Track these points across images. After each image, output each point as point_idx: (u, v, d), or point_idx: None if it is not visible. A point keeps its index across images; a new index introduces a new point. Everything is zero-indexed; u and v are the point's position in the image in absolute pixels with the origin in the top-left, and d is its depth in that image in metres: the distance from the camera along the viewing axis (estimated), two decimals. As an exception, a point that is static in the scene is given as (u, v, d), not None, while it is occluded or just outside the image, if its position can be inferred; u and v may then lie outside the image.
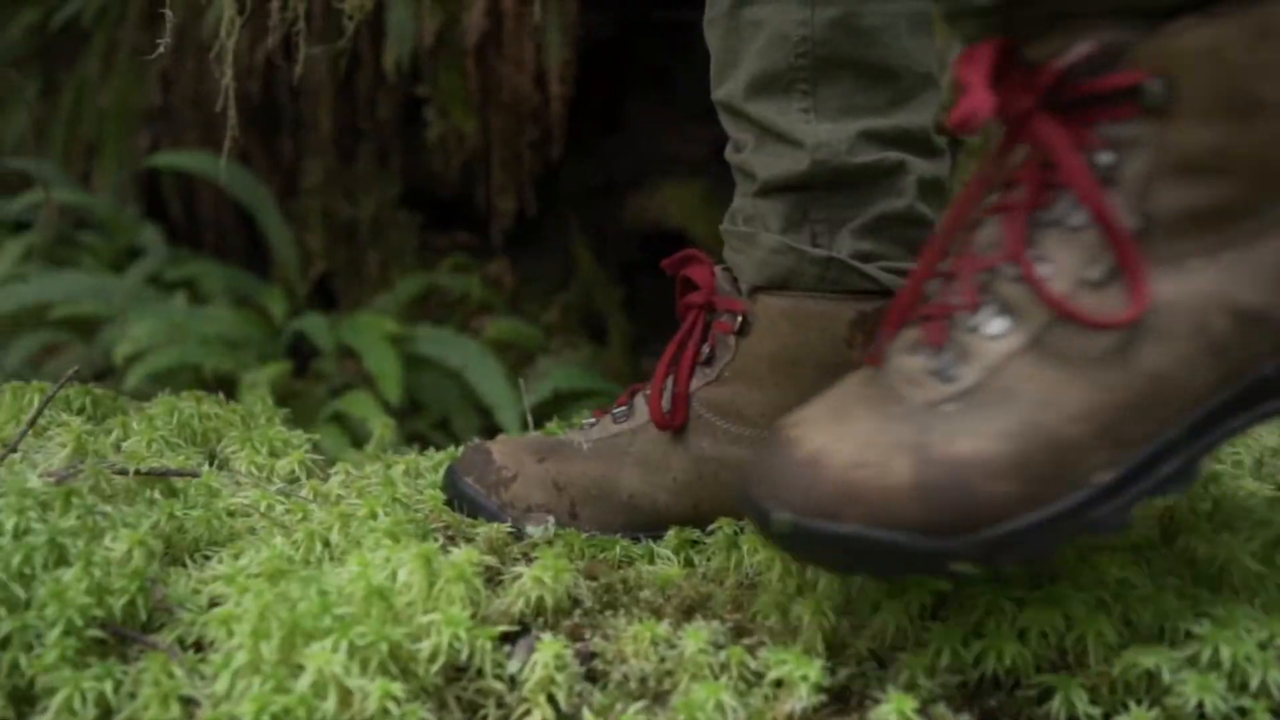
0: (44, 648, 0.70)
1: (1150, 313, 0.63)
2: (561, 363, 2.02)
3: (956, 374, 0.65)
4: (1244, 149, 0.63)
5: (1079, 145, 0.64)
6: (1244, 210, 0.64)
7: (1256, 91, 0.62)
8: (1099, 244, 0.64)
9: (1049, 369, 0.64)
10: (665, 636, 0.72)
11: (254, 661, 0.66)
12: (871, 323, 0.85)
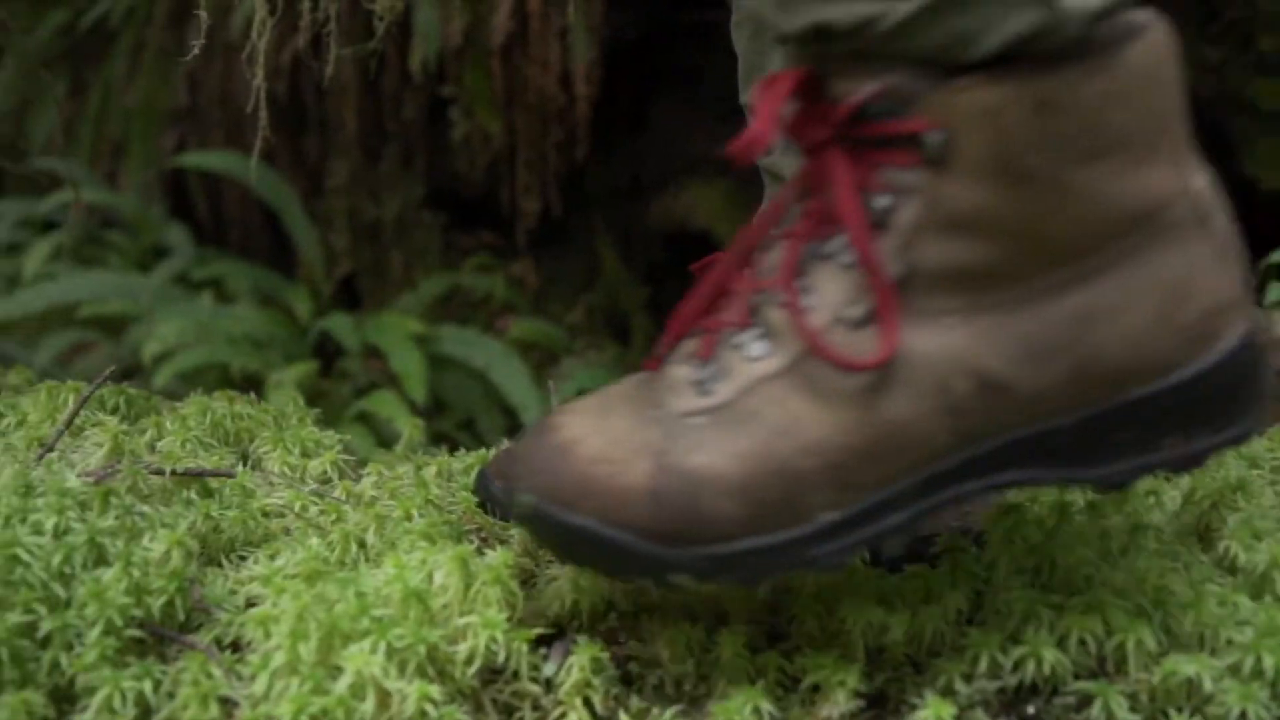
0: (84, 647, 0.71)
1: (896, 362, 0.63)
2: (586, 364, 2.02)
3: (713, 389, 0.66)
4: (1010, 216, 0.62)
5: (862, 185, 0.63)
6: (1004, 277, 0.63)
7: (1027, 161, 0.61)
8: (863, 285, 0.63)
9: (795, 399, 0.64)
10: (700, 640, 0.72)
11: (292, 662, 0.66)
12: None
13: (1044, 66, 0.60)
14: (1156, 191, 0.64)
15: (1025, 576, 0.75)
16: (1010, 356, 0.63)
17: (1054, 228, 0.62)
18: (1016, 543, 0.76)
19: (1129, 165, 0.63)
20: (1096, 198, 0.62)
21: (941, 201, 0.62)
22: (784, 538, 0.64)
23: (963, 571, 0.76)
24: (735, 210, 2.19)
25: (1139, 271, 0.64)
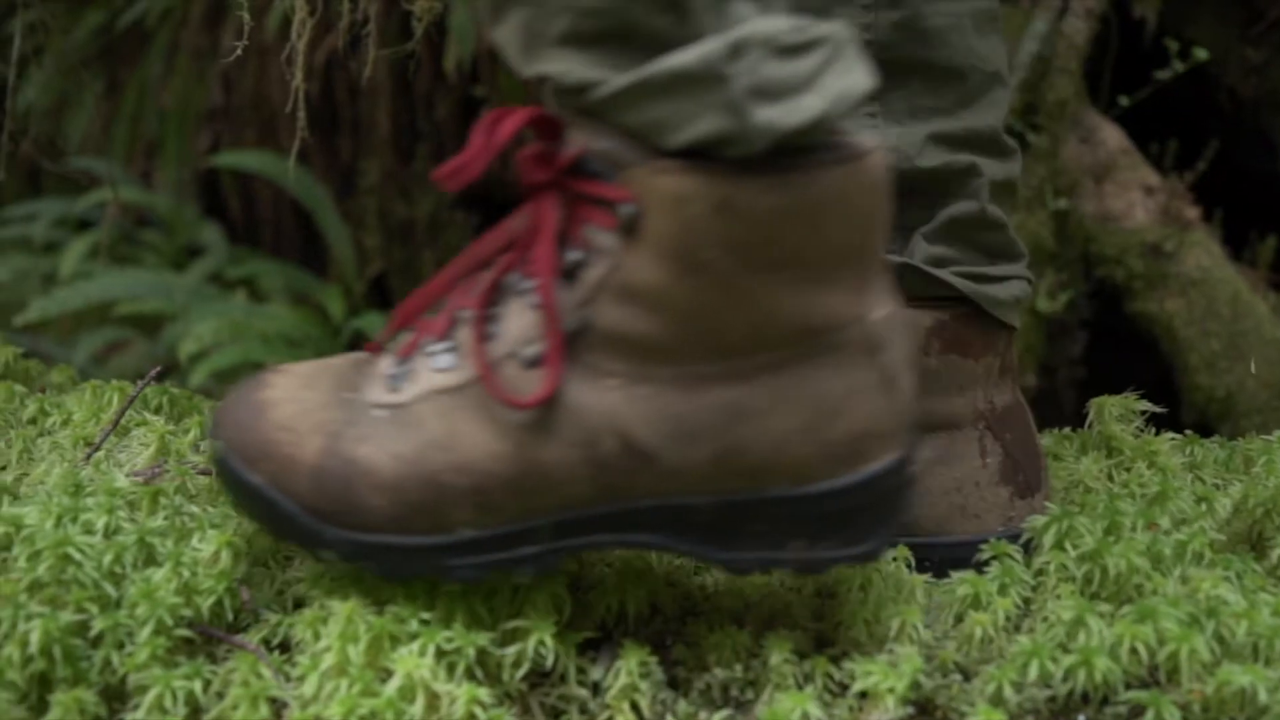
0: (135, 646, 0.71)
1: (554, 409, 0.65)
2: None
3: (399, 387, 0.69)
4: (680, 301, 0.64)
5: (565, 234, 0.65)
6: (667, 356, 0.65)
7: (703, 255, 0.63)
8: (542, 329, 0.66)
9: (461, 417, 0.67)
10: (747, 645, 0.72)
11: (341, 664, 0.66)
12: (950, 330, 0.84)
13: (733, 171, 0.61)
14: (828, 313, 0.65)
15: (1075, 584, 0.75)
16: (658, 430, 0.66)
17: (720, 322, 0.64)
18: (1066, 550, 0.76)
19: (804, 283, 0.64)
20: (765, 305, 0.64)
21: (624, 270, 0.64)
22: (423, 542, 0.67)
23: (1011, 578, 0.76)
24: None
25: (795, 383, 0.66)
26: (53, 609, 0.71)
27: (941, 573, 0.81)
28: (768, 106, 0.61)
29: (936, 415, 0.84)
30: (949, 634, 0.75)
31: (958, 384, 0.84)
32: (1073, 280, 1.76)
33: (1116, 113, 1.77)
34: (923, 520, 0.84)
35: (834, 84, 0.62)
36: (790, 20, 0.61)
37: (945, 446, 0.84)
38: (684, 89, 0.61)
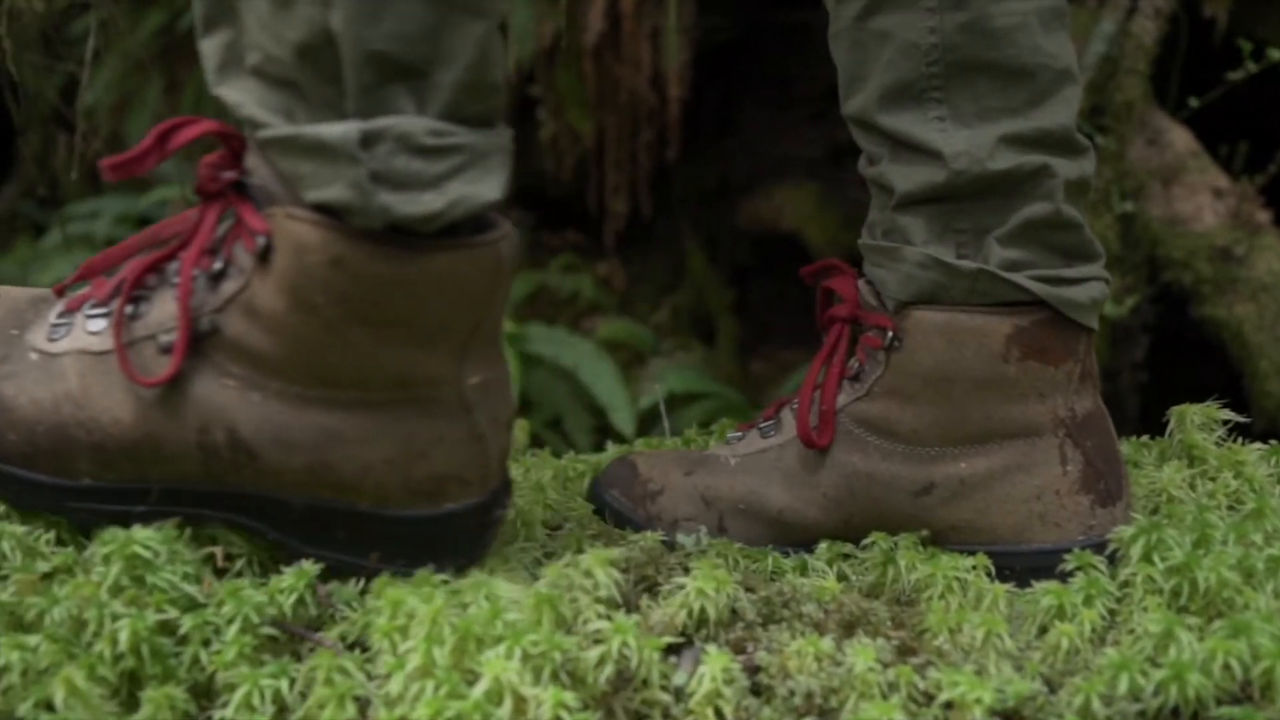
0: (222, 644, 0.72)
1: (175, 394, 0.73)
2: (675, 365, 2.02)
3: (57, 338, 0.76)
4: (292, 330, 0.71)
5: (220, 242, 0.72)
6: (279, 373, 0.72)
7: (315, 299, 0.69)
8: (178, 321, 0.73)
9: (95, 380, 0.75)
10: (829, 653, 0.71)
11: (427, 665, 0.66)
12: (1028, 336, 0.83)
13: (352, 234, 0.68)
14: (425, 372, 0.72)
15: (1162, 597, 0.74)
16: (262, 433, 0.73)
17: (324, 357, 0.71)
18: (1154, 562, 0.75)
19: (404, 342, 0.71)
20: (365, 353, 0.71)
21: (252, 290, 0.71)
22: (48, 482, 0.76)
23: (1096, 589, 0.75)
24: (825, 212, 2.17)
25: (388, 423, 0.73)
26: (137, 609, 0.72)
27: (1022, 582, 0.80)
28: (389, 193, 0.67)
29: (1015, 422, 0.83)
30: (1032, 644, 0.74)
31: (1037, 391, 0.83)
32: (1137, 284, 1.74)
33: (1185, 114, 1.74)
34: (1001, 528, 0.83)
35: (457, 189, 0.68)
36: (435, 124, 0.67)
37: (1025, 454, 0.83)
38: (323, 158, 0.67)
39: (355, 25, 0.66)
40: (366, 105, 0.67)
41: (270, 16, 0.68)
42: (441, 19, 0.67)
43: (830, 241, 2.17)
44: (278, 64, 0.68)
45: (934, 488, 0.84)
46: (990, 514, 0.83)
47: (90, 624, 0.72)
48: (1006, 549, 0.83)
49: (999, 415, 0.83)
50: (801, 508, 0.87)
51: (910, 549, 0.83)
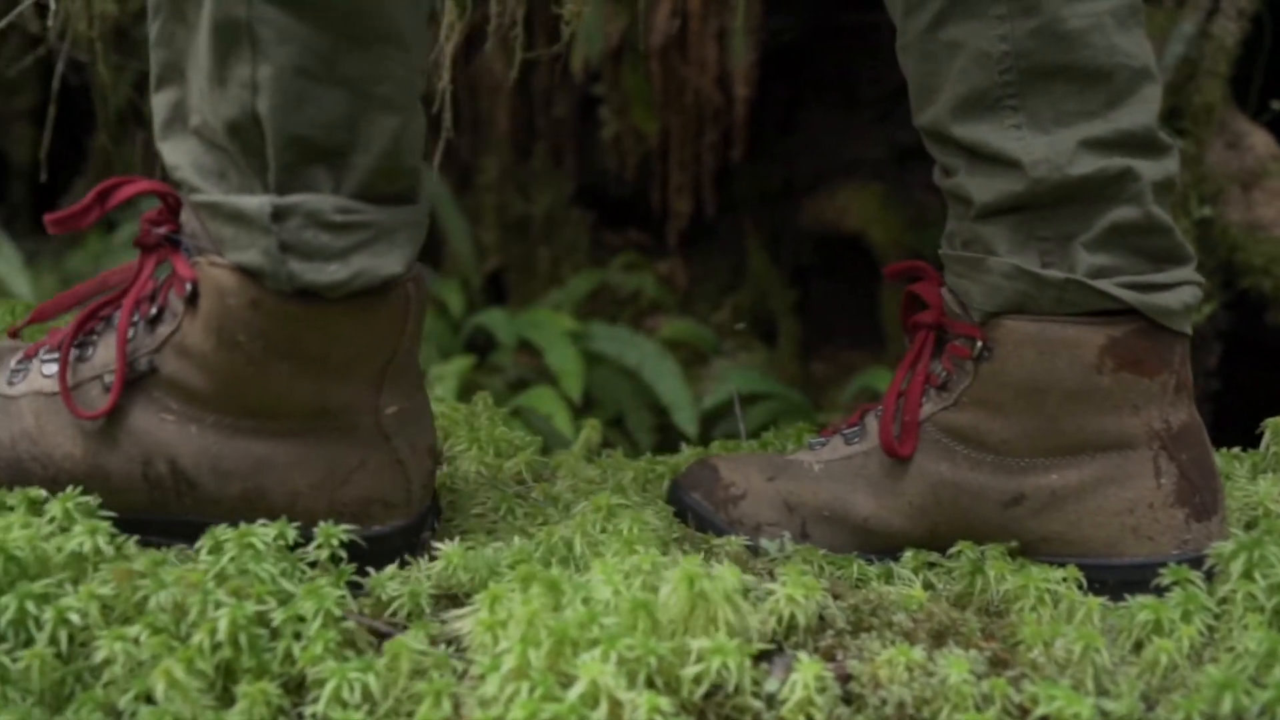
0: (308, 639, 0.73)
1: (119, 428, 0.79)
2: (738, 365, 2.01)
3: (15, 382, 0.82)
4: (218, 367, 0.76)
5: (158, 289, 0.78)
6: (211, 407, 0.78)
7: (238, 338, 0.75)
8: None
9: (49, 419, 0.80)
10: (921, 663, 0.71)
11: (522, 667, 0.67)
12: (1123, 347, 0.82)
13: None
14: (343, 402, 0.78)
15: (1265, 615, 0.72)
16: (199, 464, 0.79)
17: (250, 390, 0.77)
18: (1255, 579, 0.73)
19: (321, 375, 0.77)
20: (286, 385, 0.77)
21: (183, 332, 0.77)
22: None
23: (1194, 605, 0.73)
24: (889, 214, 2.16)
25: (312, 449, 0.79)
26: (238, 599, 0.73)
27: (1115, 596, 0.79)
28: (298, 262, 0.73)
29: (1109, 434, 0.82)
30: (1128, 659, 0.73)
31: (1131, 403, 0.82)
32: (1213, 290, 1.71)
33: (1267, 118, 1.71)
34: (1093, 541, 0.82)
35: (361, 261, 0.74)
36: (345, 201, 0.74)
37: (1118, 466, 0.82)
38: (241, 225, 0.74)
39: (279, 113, 0.72)
40: (286, 181, 0.73)
41: (208, 90, 0.74)
42: (359, 111, 0.73)
43: (894, 243, 2.16)
44: (214, 131, 0.74)
45: (1024, 499, 0.83)
46: (1082, 526, 0.82)
47: (192, 611, 0.73)
48: (1098, 562, 0.82)
49: (1092, 427, 0.82)
50: (887, 516, 0.87)
51: (998, 559, 0.82)
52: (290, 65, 0.72)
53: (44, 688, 0.70)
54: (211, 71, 0.73)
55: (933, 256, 0.92)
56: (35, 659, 0.70)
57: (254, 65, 0.72)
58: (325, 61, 0.72)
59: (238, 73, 0.72)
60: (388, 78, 0.73)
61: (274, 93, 0.72)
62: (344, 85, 0.73)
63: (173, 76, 0.77)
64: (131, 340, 0.79)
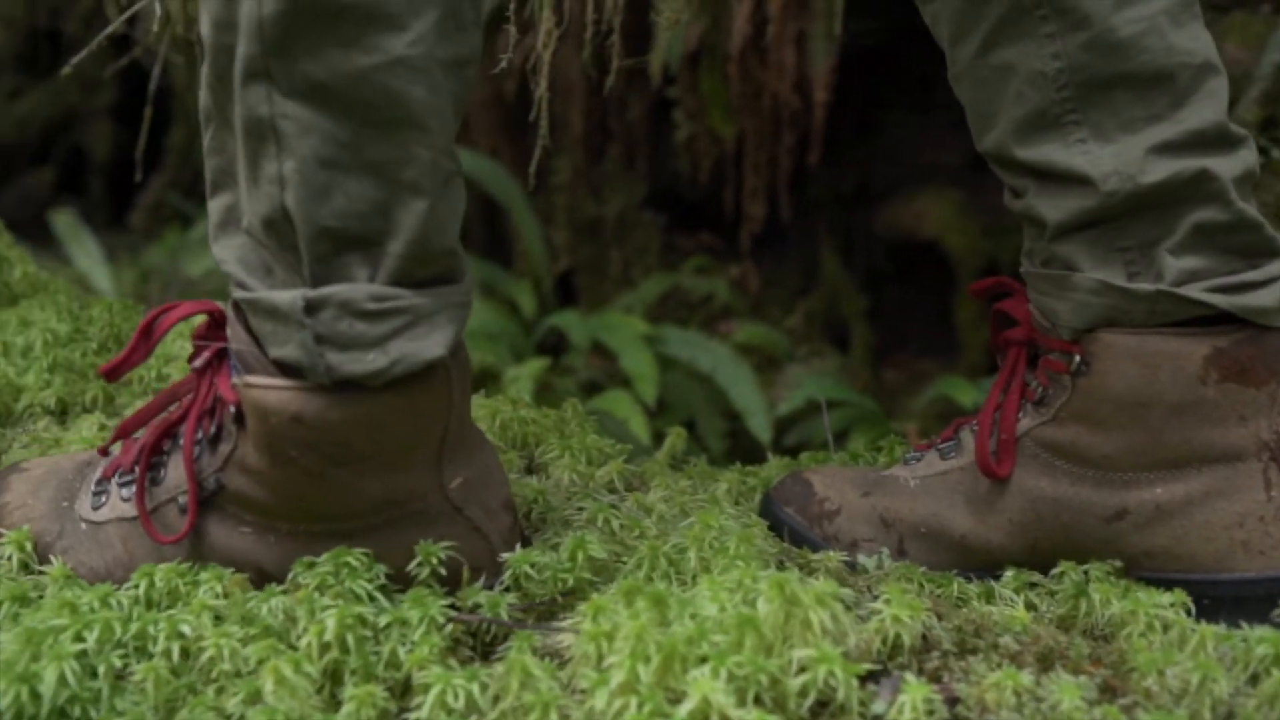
0: (413, 643, 0.74)
1: (200, 546, 0.80)
2: (812, 371, 2.00)
3: (99, 505, 0.84)
4: (279, 483, 0.77)
5: (214, 406, 0.80)
6: (280, 518, 0.79)
7: (289, 453, 0.76)
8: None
9: (136, 544, 0.82)
10: (1029, 687, 0.70)
11: (631, 682, 0.67)
12: (1228, 357, 0.80)
13: (305, 390, 0.74)
14: (408, 489, 0.78)
15: (1389, 647, 0.70)
16: (284, 570, 0.79)
17: (313, 499, 0.78)
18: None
19: (380, 470, 0.77)
20: (349, 488, 0.77)
21: (242, 449, 0.78)
22: None
23: (1314, 636, 0.72)
24: (966, 221, 2.13)
25: (389, 539, 0.78)
26: (345, 603, 0.74)
27: (1228, 615, 0.78)
28: (334, 353, 0.74)
29: (1215, 447, 0.80)
30: (1243, 690, 0.71)
31: (1238, 414, 0.80)
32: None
33: (1365, 128, 1.66)
34: (1201, 556, 0.81)
35: (400, 347, 0.74)
36: (379, 289, 0.74)
37: (1226, 479, 0.80)
38: (278, 320, 0.75)
39: (306, 205, 0.73)
40: (321, 272, 0.74)
41: (246, 190, 0.75)
42: (386, 197, 0.73)
43: (971, 250, 2.13)
44: (256, 229, 0.75)
45: (1127, 513, 0.82)
46: (1189, 541, 0.81)
47: (300, 620, 0.74)
48: (1207, 577, 0.80)
49: (1198, 439, 0.80)
50: (986, 533, 0.86)
51: (1103, 580, 0.81)
52: (313, 157, 0.72)
53: (158, 701, 0.71)
54: (246, 171, 0.74)
55: (1010, 263, 0.91)
56: (150, 672, 0.72)
57: (279, 160, 0.72)
58: (347, 150, 0.72)
59: (267, 169, 0.73)
60: (412, 162, 0.73)
61: (299, 185, 0.72)
62: (368, 173, 0.73)
63: (225, 182, 0.79)
64: (198, 460, 0.80)
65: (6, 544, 0.83)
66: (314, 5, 0.69)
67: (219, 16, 0.72)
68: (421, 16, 0.71)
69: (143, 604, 0.77)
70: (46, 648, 0.71)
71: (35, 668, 0.70)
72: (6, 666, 0.69)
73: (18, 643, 0.71)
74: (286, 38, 0.70)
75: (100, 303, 1.31)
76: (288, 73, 0.71)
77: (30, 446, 1.08)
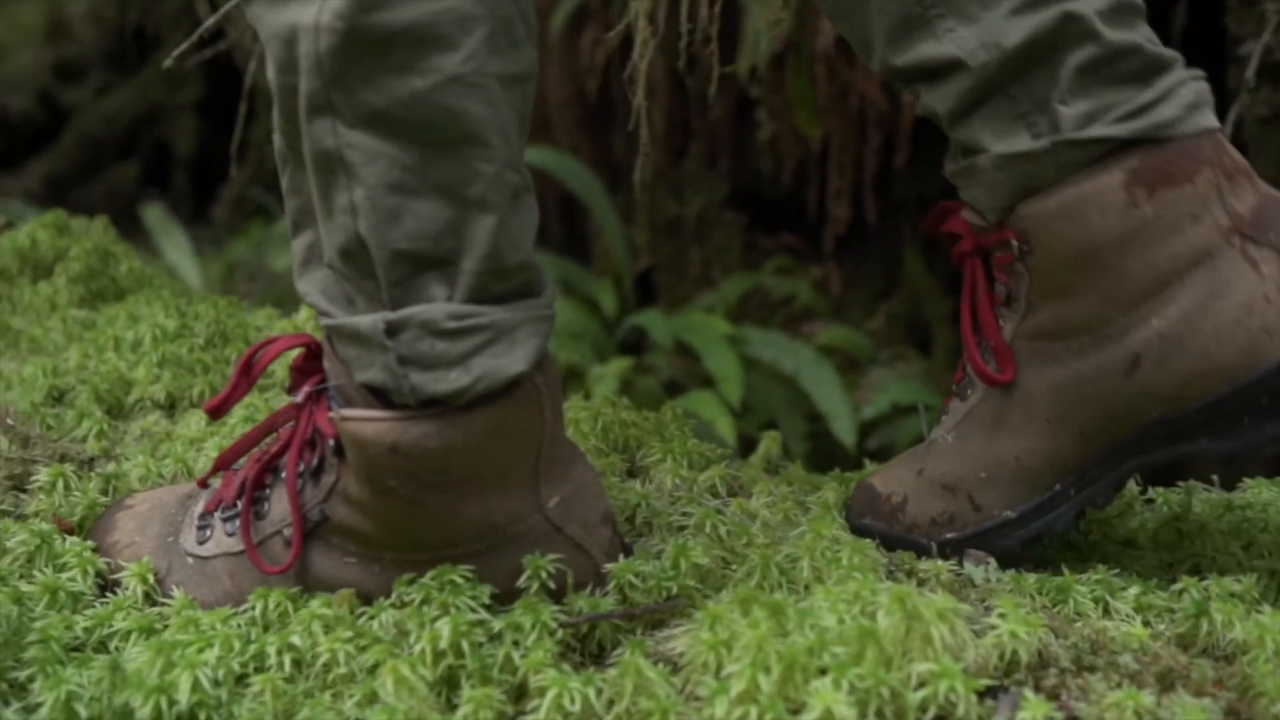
0: (527, 648, 0.75)
1: (306, 578, 0.81)
2: (897, 375, 1.98)
3: (205, 540, 0.86)
4: (382, 513, 0.78)
5: (310, 438, 0.81)
6: (383, 547, 0.80)
7: (389, 483, 0.77)
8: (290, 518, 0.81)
9: (244, 577, 0.83)
10: (1150, 708, 0.69)
11: (751, 691, 0.67)
12: (1145, 172, 0.79)
13: (399, 420, 0.75)
14: (508, 511, 0.78)
15: None
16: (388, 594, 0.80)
17: (415, 528, 0.79)
18: None
19: (479, 494, 0.77)
20: (449, 515, 0.78)
21: (344, 481, 0.79)
22: None
23: None
24: (1055, 224, 2.10)
25: (495, 563, 0.79)
26: (455, 611, 0.75)
27: None
28: (418, 373, 0.75)
29: (1182, 257, 0.80)
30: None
31: (1187, 215, 0.80)
32: None
33: None
34: (1231, 361, 0.79)
35: (483, 364, 0.75)
36: (458, 307, 0.75)
37: (1208, 279, 0.80)
38: (360, 344, 0.76)
39: (378, 230, 0.74)
40: (400, 295, 0.75)
41: (322, 224, 0.76)
42: (456, 216, 0.74)
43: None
44: (337, 261, 0.77)
45: (1140, 357, 0.81)
46: (1211, 353, 0.80)
47: (411, 633, 0.75)
48: (1249, 379, 0.79)
49: (1162, 258, 0.80)
50: (1033, 444, 0.85)
51: (1224, 600, 0.79)
52: (380, 182, 0.73)
53: (277, 710, 0.73)
54: (320, 204, 0.76)
55: None
56: (267, 682, 0.73)
57: (350, 189, 0.74)
58: (413, 173, 0.73)
59: (339, 200, 0.74)
60: (477, 178, 0.74)
61: (370, 211, 0.73)
62: (436, 193, 0.74)
63: (305, 221, 0.80)
64: (301, 492, 0.81)
65: (130, 577, 0.85)
66: (366, 35, 0.71)
67: (281, 59, 0.74)
68: (472, 33, 0.72)
69: (259, 625, 0.79)
70: (177, 658, 0.73)
71: (169, 677, 0.72)
72: (140, 678, 0.72)
73: (148, 655, 0.74)
74: (344, 69, 0.72)
75: (206, 299, 1.34)
76: (349, 103, 0.72)
77: (142, 440, 1.11)
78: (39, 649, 0.75)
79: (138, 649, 0.76)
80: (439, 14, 0.71)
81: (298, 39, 0.72)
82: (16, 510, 0.97)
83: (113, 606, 0.82)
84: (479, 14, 0.72)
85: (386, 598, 0.79)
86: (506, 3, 0.73)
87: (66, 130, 3.72)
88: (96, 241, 1.48)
